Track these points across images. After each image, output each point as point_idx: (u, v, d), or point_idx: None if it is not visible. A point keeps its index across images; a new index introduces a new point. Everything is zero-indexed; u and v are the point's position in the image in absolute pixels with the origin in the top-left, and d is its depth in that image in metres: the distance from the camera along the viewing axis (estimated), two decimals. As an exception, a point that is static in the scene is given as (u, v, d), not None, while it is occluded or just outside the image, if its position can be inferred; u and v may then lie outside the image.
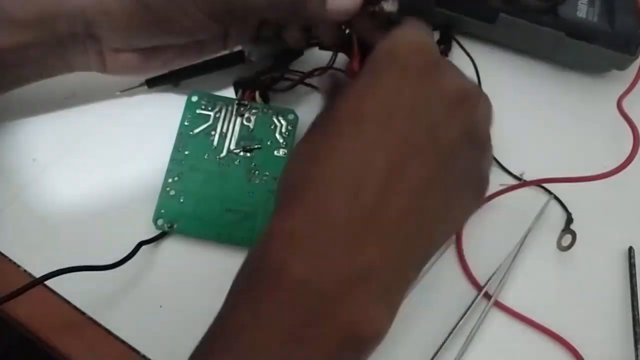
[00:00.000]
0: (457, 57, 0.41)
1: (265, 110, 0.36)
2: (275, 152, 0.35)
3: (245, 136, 0.35)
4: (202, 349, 0.24)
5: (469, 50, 0.42)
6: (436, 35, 0.43)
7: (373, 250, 0.22)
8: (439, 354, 0.32)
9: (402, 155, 0.23)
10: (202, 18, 0.31)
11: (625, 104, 0.37)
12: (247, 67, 0.39)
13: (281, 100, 0.39)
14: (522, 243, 0.35)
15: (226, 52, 0.39)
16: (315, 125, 0.25)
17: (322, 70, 0.39)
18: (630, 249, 0.36)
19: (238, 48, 0.41)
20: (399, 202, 0.22)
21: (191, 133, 0.35)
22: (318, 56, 0.42)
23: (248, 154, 0.35)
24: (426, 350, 0.33)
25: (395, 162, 0.22)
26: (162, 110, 0.39)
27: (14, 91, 0.39)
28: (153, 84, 0.39)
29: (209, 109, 0.36)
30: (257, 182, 0.34)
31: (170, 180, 0.34)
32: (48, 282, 0.30)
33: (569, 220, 0.36)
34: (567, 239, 0.35)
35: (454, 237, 0.36)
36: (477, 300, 0.34)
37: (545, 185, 0.37)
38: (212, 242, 0.34)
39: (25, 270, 0.34)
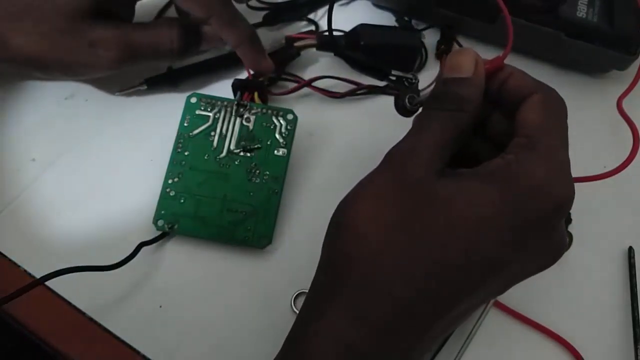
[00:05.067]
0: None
1: (264, 110, 0.36)
2: (275, 152, 0.35)
3: (245, 136, 0.35)
4: None
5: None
6: (436, 35, 0.43)
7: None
8: (439, 354, 0.32)
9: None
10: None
11: (625, 104, 0.37)
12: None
13: (280, 101, 0.39)
14: (522, 243, 0.35)
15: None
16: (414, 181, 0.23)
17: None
18: (630, 249, 0.36)
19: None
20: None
21: (191, 134, 0.35)
22: (314, 58, 0.42)
23: (248, 154, 0.35)
24: (426, 350, 0.33)
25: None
26: (161, 111, 0.39)
27: (13, 91, 0.40)
28: (152, 84, 0.40)
29: (208, 109, 0.36)
30: (257, 181, 0.34)
31: (170, 181, 0.34)
32: (48, 282, 0.30)
33: (567, 221, 0.36)
34: (564, 241, 0.35)
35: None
36: (477, 301, 0.34)
37: (545, 185, 0.37)
38: (213, 242, 0.34)
39: (25, 270, 0.34)
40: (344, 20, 0.43)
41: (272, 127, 0.35)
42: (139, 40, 0.35)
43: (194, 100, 0.36)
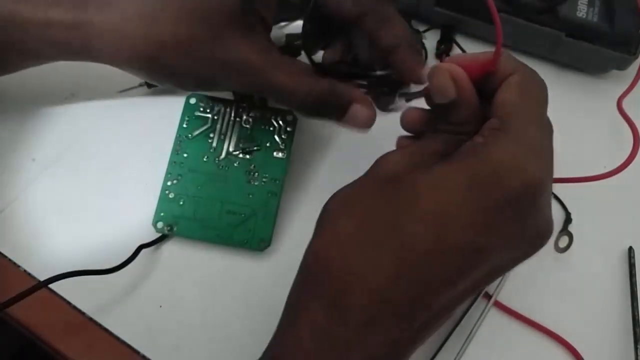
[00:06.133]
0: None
1: (263, 111, 0.36)
2: (275, 154, 0.35)
3: (244, 138, 0.35)
4: None
5: (468, 51, 0.42)
6: (436, 35, 0.43)
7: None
8: (439, 354, 0.32)
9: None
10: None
11: (625, 104, 0.37)
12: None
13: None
14: (522, 243, 0.35)
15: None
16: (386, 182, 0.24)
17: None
18: (630, 249, 0.36)
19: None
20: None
21: (190, 135, 0.35)
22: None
23: (247, 156, 0.35)
24: (426, 350, 0.33)
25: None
26: (161, 111, 0.39)
27: (13, 90, 0.40)
28: (152, 84, 0.40)
29: (207, 111, 0.36)
30: (256, 183, 0.34)
31: (169, 182, 0.34)
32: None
33: (567, 221, 0.36)
34: (564, 240, 0.35)
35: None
36: (477, 301, 0.34)
37: (545, 185, 0.37)
38: (212, 244, 0.34)
39: (25, 271, 0.34)
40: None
41: (271, 128, 0.35)
42: (277, 80, 0.29)
43: (193, 101, 0.36)
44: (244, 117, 0.35)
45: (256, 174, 0.34)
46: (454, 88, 0.24)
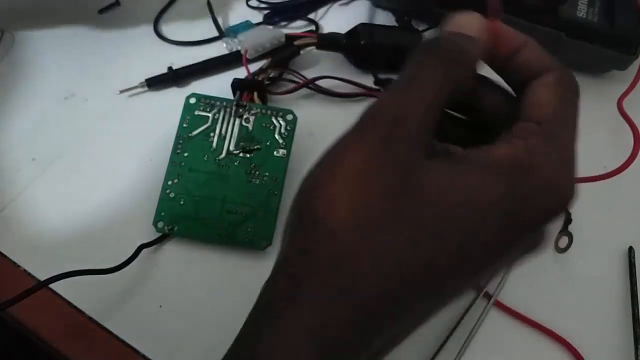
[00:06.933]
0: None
1: (263, 110, 0.36)
2: (275, 153, 0.35)
3: (244, 137, 0.35)
4: None
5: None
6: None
7: None
8: (439, 354, 0.32)
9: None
10: None
11: (625, 104, 0.37)
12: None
13: (279, 101, 0.39)
14: (522, 243, 0.35)
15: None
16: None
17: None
18: (630, 249, 0.36)
19: (237, 48, 0.41)
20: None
21: (190, 135, 0.35)
22: (315, 58, 0.42)
23: (247, 155, 0.35)
24: (426, 350, 0.33)
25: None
26: (161, 111, 0.39)
27: (13, 91, 0.40)
28: (152, 84, 0.40)
29: (207, 110, 0.35)
30: (257, 182, 0.34)
31: (169, 182, 0.34)
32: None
33: (567, 221, 0.36)
34: (564, 240, 0.35)
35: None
36: (477, 300, 0.34)
37: (545, 185, 0.37)
38: (213, 244, 0.34)
39: (25, 270, 0.34)
40: (344, 20, 0.43)
41: (271, 127, 0.35)
42: None
43: (193, 100, 0.36)
44: (244, 116, 0.35)
45: (257, 172, 0.34)
46: (481, 28, 0.22)
